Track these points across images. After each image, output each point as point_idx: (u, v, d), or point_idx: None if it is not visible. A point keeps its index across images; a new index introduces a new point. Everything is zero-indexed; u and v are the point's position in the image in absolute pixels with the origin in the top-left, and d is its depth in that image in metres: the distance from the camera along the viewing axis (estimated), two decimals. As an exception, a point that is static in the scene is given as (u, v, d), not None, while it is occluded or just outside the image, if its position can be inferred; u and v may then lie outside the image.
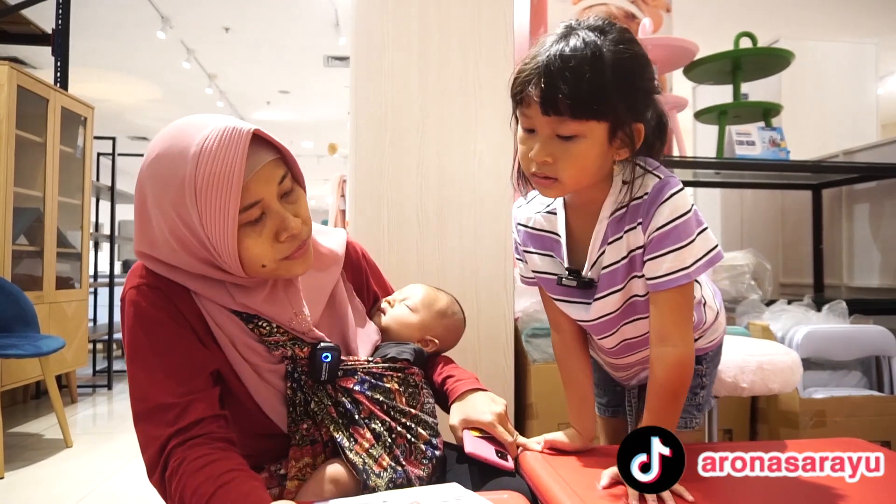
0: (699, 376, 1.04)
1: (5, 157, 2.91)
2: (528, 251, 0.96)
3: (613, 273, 0.86)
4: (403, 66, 1.81)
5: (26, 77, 3.08)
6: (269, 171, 0.75)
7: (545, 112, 0.76)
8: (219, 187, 0.69)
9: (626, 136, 0.78)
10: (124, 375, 4.43)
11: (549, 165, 0.79)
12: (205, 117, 0.74)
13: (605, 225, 0.85)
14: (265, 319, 0.82)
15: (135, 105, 7.53)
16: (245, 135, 0.71)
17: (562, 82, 0.73)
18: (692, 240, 0.80)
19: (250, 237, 0.74)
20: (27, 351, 2.44)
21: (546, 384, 1.88)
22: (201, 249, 0.74)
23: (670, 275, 0.80)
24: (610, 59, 0.75)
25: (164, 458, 0.71)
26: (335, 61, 5.92)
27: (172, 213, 0.72)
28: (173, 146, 0.72)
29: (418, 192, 1.79)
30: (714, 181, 2.87)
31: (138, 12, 4.83)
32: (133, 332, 0.76)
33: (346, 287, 0.98)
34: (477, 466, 0.90)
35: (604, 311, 0.90)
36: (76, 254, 3.67)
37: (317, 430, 0.82)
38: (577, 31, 0.77)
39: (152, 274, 0.79)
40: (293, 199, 0.79)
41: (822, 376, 1.88)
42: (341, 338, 0.92)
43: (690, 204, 0.81)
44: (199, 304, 0.80)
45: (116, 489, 2.23)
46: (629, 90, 0.76)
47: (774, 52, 2.29)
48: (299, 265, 0.80)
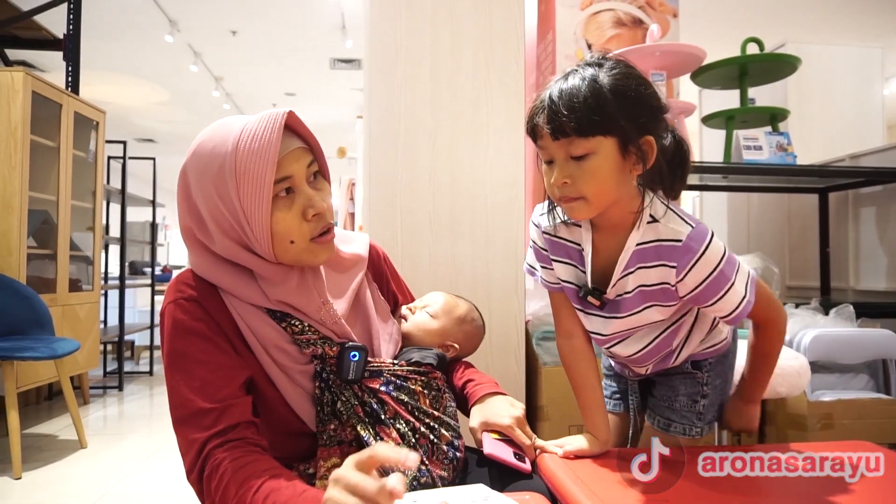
0: (699, 383, 1.06)
1: (20, 161, 2.95)
2: (552, 258, 1.00)
3: (634, 297, 0.92)
4: (416, 74, 1.84)
5: (40, 83, 3.12)
6: (298, 153, 0.82)
7: (555, 137, 0.83)
8: (256, 159, 0.76)
9: (637, 150, 0.83)
10: (135, 377, 4.51)
11: (569, 186, 0.85)
12: (248, 115, 0.83)
13: (631, 253, 0.90)
14: (297, 318, 0.86)
15: (142, 108, 7.58)
16: (282, 116, 0.79)
17: (563, 107, 0.81)
18: (733, 281, 0.88)
19: (280, 211, 0.80)
20: (43, 353, 2.47)
21: (557, 387, 1.90)
22: (236, 228, 0.80)
23: (737, 310, 0.89)
24: (607, 81, 0.82)
25: (203, 459, 0.74)
26: (341, 64, 5.95)
27: (212, 191, 0.79)
28: (216, 134, 0.80)
29: (431, 198, 1.82)
30: (721, 185, 2.89)
31: (146, 16, 4.87)
32: (172, 344, 0.80)
33: (371, 286, 1.02)
34: (496, 469, 0.93)
35: (621, 328, 0.96)
36: (85, 256, 3.71)
37: (343, 430, 0.85)
38: (576, 70, 0.85)
39: (189, 287, 0.83)
40: (318, 186, 0.86)
41: (829, 379, 1.90)
42: (367, 337, 0.96)
43: (722, 252, 0.87)
44: (234, 312, 0.84)
45: (132, 490, 2.26)
46: (630, 105, 0.82)
47: (781, 57, 2.30)
48: (323, 251, 0.86)
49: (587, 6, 2.76)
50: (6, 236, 2.92)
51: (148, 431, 3.08)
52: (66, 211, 3.38)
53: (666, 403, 1.07)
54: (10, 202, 2.93)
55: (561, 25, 2.77)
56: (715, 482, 0.86)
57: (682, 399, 1.06)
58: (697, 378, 1.06)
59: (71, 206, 3.44)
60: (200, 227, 0.83)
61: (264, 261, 0.84)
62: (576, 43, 2.78)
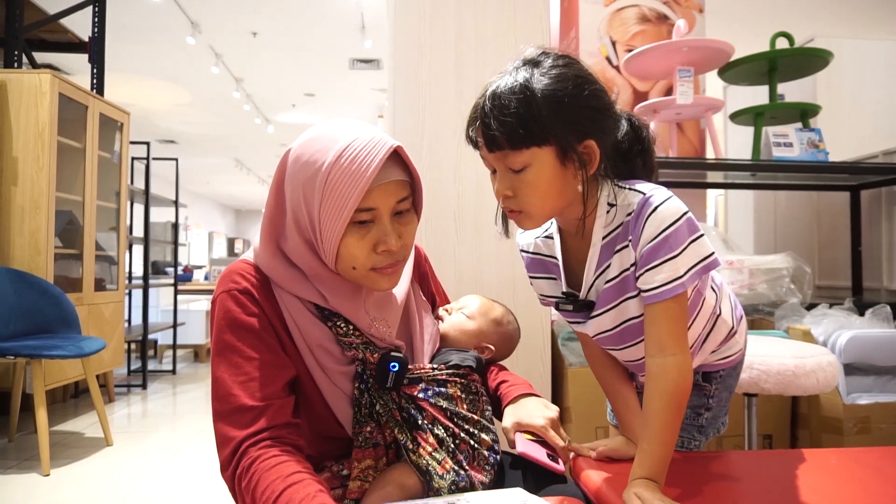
0: (706, 396, 1.03)
1: (48, 162, 2.99)
2: (533, 276, 0.98)
3: (607, 292, 0.88)
4: (440, 72, 1.83)
5: (67, 84, 3.17)
6: (393, 187, 0.81)
7: (490, 150, 0.80)
8: (348, 182, 0.76)
9: (576, 156, 0.79)
10: (158, 375, 4.56)
11: (511, 199, 0.82)
12: (363, 124, 0.82)
13: (599, 249, 0.87)
14: (344, 319, 0.86)
15: (164, 109, 7.67)
16: (387, 146, 0.78)
17: (493, 120, 0.77)
18: (683, 248, 0.79)
19: (353, 236, 0.80)
20: (70, 352, 2.50)
21: (582, 388, 1.88)
22: (309, 230, 0.81)
23: (664, 286, 0.79)
24: (540, 86, 0.77)
25: (238, 458, 0.74)
26: (361, 64, 5.96)
27: (300, 192, 0.80)
28: (325, 137, 0.80)
29: (455, 198, 1.80)
30: (748, 183, 2.84)
31: (169, 18, 4.92)
32: (222, 334, 0.80)
33: (414, 287, 1.02)
34: (531, 472, 0.91)
35: (601, 328, 0.92)
36: (109, 256, 3.75)
37: (380, 433, 0.85)
38: (514, 69, 0.81)
39: (244, 278, 0.84)
40: (405, 221, 0.85)
41: (866, 382, 1.85)
42: (407, 336, 0.95)
43: (681, 211, 0.79)
44: (283, 308, 0.84)
45: (158, 487, 2.28)
46: (565, 111, 0.77)
47: (812, 52, 2.25)
48: (385, 281, 0.85)
49: (611, 2, 2.72)
50: (34, 236, 2.97)
51: (171, 430, 3.11)
52: (92, 211, 3.43)
53: None
54: (38, 202, 2.97)
55: (584, 22, 2.74)
56: (717, 488, 0.84)
57: (686, 412, 1.02)
58: (705, 391, 1.03)
59: (96, 207, 3.48)
60: (280, 220, 0.84)
61: (325, 267, 0.84)
62: (599, 39, 2.74)
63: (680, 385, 0.79)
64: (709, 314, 0.94)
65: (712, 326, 0.96)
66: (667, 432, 0.79)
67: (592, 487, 0.87)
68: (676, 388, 0.79)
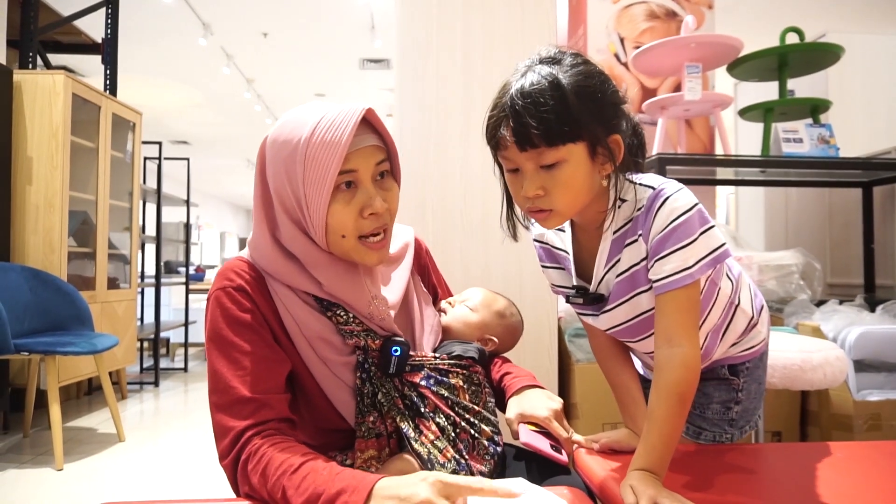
0: (734, 390, 1.02)
1: (62, 162, 3.04)
2: (545, 266, 1.00)
3: (619, 286, 0.88)
4: (447, 71, 1.83)
5: (80, 85, 3.21)
6: (370, 150, 0.83)
7: (522, 149, 0.78)
8: (326, 149, 0.78)
9: (606, 150, 0.80)
10: (170, 373, 4.61)
11: (542, 198, 0.81)
12: (331, 101, 0.85)
13: (609, 243, 0.87)
14: (343, 308, 0.86)
15: (175, 110, 7.74)
16: (359, 111, 0.81)
17: (529, 116, 0.76)
18: (694, 238, 0.79)
19: (339, 203, 0.81)
20: (83, 348, 2.54)
21: (589, 384, 1.88)
22: (296, 209, 0.82)
23: (674, 275, 0.79)
24: (568, 83, 0.77)
25: (241, 445, 0.75)
26: (371, 64, 5.99)
27: (283, 171, 0.81)
28: (298, 117, 0.82)
29: (462, 196, 1.81)
30: (758, 179, 2.82)
31: (180, 20, 4.97)
32: (218, 331, 0.82)
33: (415, 278, 1.03)
34: (534, 463, 0.92)
35: (614, 321, 0.92)
36: (122, 255, 3.80)
37: (382, 423, 0.85)
38: (532, 67, 0.80)
39: (238, 275, 0.85)
40: (386, 185, 0.86)
41: (877, 378, 1.83)
42: (409, 327, 0.96)
43: (692, 203, 0.80)
44: (279, 303, 0.85)
45: (170, 483, 2.31)
46: (595, 107, 0.78)
47: (823, 47, 2.23)
48: (374, 255, 0.86)
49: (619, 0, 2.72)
50: (49, 234, 3.01)
51: (183, 427, 3.14)
52: (105, 210, 3.47)
53: (697, 411, 1.04)
54: (52, 201, 3.02)
55: (593, 19, 2.74)
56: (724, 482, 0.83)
57: (716, 406, 1.02)
58: (733, 385, 1.02)
59: (109, 206, 3.53)
60: (270, 209, 0.85)
61: (319, 249, 0.85)
62: (607, 36, 2.74)
63: (684, 377, 0.79)
64: (725, 304, 0.94)
65: (731, 317, 0.96)
66: (668, 425, 0.78)
67: (595, 479, 0.87)
68: (680, 380, 0.79)
